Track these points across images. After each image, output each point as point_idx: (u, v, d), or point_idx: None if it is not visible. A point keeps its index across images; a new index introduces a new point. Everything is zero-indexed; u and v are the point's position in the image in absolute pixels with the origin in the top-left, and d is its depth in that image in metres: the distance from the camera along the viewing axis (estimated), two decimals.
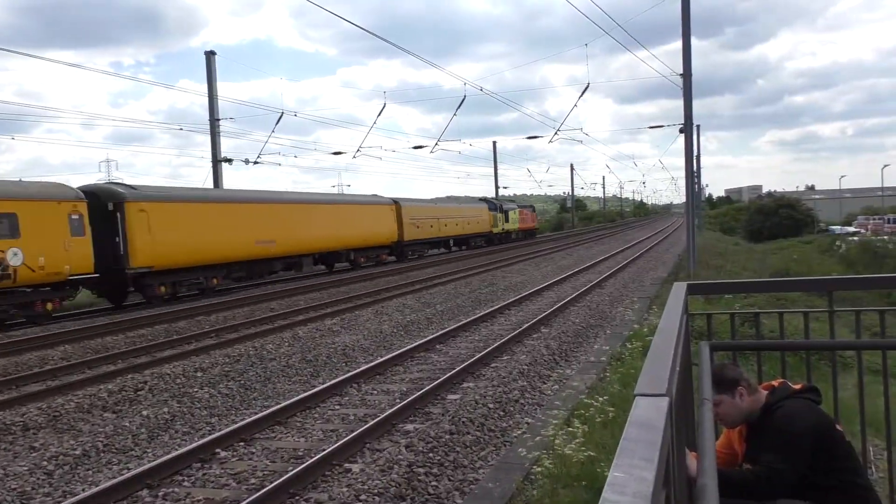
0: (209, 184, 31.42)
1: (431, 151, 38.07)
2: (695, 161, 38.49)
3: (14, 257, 16.88)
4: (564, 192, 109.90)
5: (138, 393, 10.47)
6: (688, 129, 23.32)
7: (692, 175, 24.98)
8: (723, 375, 3.35)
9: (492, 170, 66.69)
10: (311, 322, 16.45)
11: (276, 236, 25.93)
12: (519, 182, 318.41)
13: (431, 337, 13.66)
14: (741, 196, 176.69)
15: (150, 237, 20.51)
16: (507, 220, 53.32)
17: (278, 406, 9.02)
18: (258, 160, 33.18)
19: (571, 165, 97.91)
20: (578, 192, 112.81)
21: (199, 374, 11.55)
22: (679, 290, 3.86)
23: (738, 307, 12.84)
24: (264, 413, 8.71)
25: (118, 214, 19.95)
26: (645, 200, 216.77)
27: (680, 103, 23.76)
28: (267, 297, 21.58)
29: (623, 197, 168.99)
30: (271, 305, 20.03)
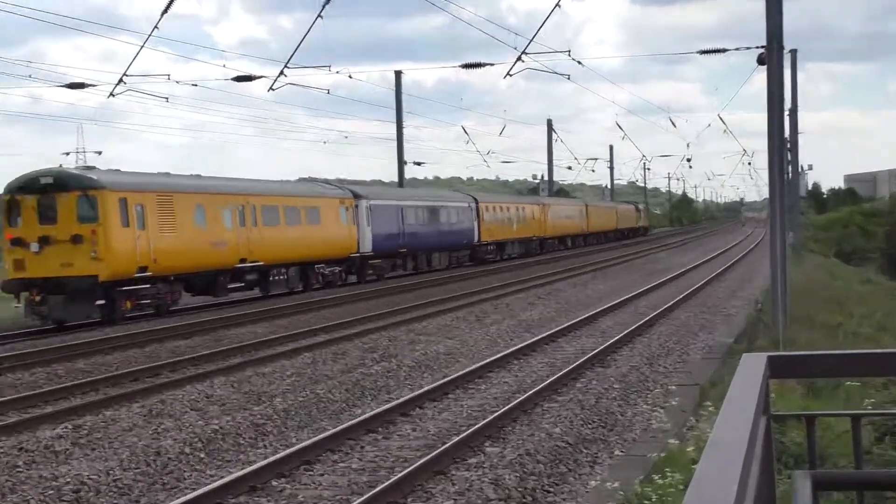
0: None
1: (271, 88, 28.06)
2: (787, 120, 31.91)
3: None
4: (537, 176, 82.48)
5: None
6: (772, 55, 19.00)
7: (782, 146, 20.74)
8: None
9: (391, 127, 45.87)
10: (12, 433, 11.90)
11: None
12: (446, 151, 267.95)
13: (264, 463, 10.12)
14: (875, 188, 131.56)
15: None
16: (640, 219, 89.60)
17: None
18: None
19: (549, 122, 70.13)
20: (563, 175, 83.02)
21: None
22: (753, 368, 3.14)
23: (870, 405, 10.95)
24: None
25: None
26: (691, 193, 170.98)
27: (759, 6, 19.09)
28: None
29: (650, 186, 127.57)
30: None
